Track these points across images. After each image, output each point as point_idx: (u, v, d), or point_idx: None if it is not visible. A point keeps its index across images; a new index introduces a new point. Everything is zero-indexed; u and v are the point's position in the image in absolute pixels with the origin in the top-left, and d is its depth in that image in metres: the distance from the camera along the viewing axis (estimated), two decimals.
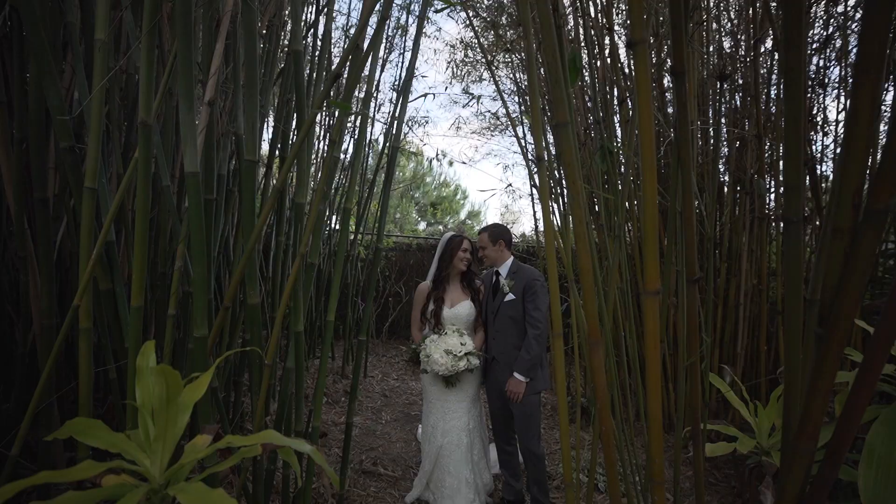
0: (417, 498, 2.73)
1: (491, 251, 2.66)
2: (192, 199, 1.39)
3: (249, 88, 1.57)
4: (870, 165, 2.92)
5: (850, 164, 0.51)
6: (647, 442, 0.87)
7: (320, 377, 2.04)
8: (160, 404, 0.73)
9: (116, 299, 1.66)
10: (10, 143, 1.69)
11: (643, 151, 0.66)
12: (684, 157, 0.74)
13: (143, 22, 1.21)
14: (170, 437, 0.74)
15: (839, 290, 0.53)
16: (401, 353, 6.16)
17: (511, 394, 2.48)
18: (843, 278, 0.52)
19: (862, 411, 0.59)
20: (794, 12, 0.60)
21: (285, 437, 0.78)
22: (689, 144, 0.72)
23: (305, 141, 1.70)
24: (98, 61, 1.48)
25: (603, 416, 0.88)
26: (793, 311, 0.67)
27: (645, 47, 0.65)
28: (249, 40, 1.51)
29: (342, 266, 2.04)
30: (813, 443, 0.64)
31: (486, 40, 5.93)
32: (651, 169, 0.68)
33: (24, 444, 1.65)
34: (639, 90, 0.67)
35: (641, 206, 0.78)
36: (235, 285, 1.54)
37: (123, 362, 1.70)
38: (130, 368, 1.23)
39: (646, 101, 0.65)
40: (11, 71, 1.64)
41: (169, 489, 0.71)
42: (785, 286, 0.69)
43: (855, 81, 0.48)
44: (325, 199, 1.83)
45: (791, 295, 0.65)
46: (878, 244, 0.47)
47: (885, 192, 0.49)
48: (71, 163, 1.53)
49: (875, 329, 0.55)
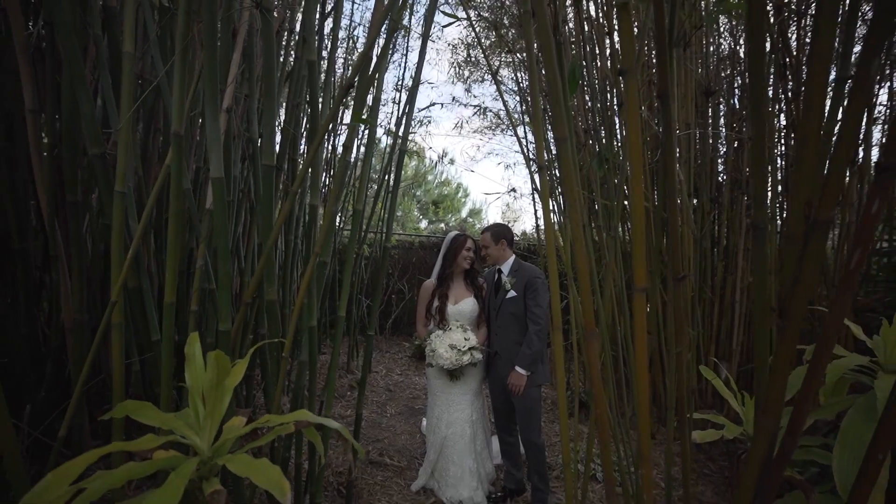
0: (423, 486, 2.84)
1: (493, 250, 2.77)
2: (217, 203, 1.49)
3: (268, 97, 1.67)
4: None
5: (800, 181, 0.61)
6: (637, 421, 0.98)
7: (331, 370, 2.14)
8: (210, 386, 0.83)
9: (143, 296, 1.76)
10: (42, 149, 1.79)
11: (632, 166, 0.76)
12: (670, 170, 0.84)
13: (177, 42, 1.30)
14: (217, 415, 0.85)
15: (793, 287, 0.63)
16: (404, 350, 6.27)
17: (513, 387, 2.58)
18: (795, 278, 0.62)
19: (813, 393, 0.69)
20: (756, 45, 0.70)
21: (316, 416, 0.88)
22: (674, 159, 0.82)
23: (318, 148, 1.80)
24: (126, 72, 1.58)
25: (598, 401, 0.99)
26: (761, 307, 0.77)
27: (635, 75, 0.75)
28: (268, 52, 1.61)
29: (352, 264, 2.14)
30: (775, 419, 0.74)
31: (489, 39, 6.03)
32: (638, 181, 0.78)
33: (51, 432, 1.77)
34: (629, 113, 0.77)
35: (630, 212, 0.87)
36: (255, 283, 1.65)
37: (150, 355, 1.81)
38: (165, 360, 1.33)
39: (634, 122, 0.75)
40: (44, 81, 1.74)
41: (217, 460, 0.81)
42: (754, 285, 0.79)
43: (804, 116, 0.58)
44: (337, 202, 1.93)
45: (759, 292, 0.75)
46: (824, 249, 0.54)
47: (828, 206, 0.59)
48: (101, 168, 1.64)
49: (824, 323, 0.65)
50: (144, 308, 1.77)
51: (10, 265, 1.89)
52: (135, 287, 1.73)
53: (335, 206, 1.87)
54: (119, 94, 1.74)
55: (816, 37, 0.54)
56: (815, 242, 0.60)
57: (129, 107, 1.59)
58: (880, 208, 0.57)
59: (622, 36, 0.75)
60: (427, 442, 2.93)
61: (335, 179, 1.87)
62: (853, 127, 0.55)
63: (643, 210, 0.84)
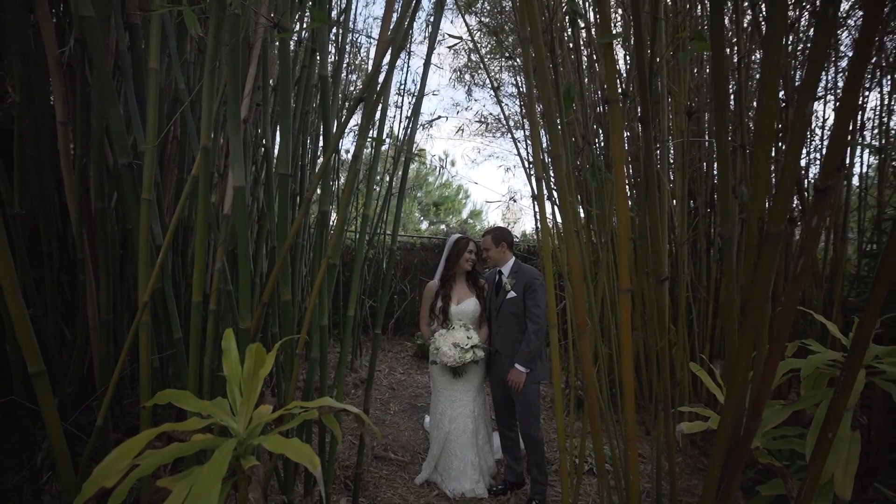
0: (426, 479, 2.96)
1: (494, 252, 2.88)
2: (238, 210, 1.61)
3: (283, 113, 1.78)
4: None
5: (755, 198, 0.72)
6: (622, 407, 1.09)
7: (340, 366, 2.26)
8: (248, 376, 0.94)
9: (165, 296, 1.88)
10: (73, 159, 1.91)
11: (617, 186, 0.87)
12: (650, 187, 0.95)
13: (206, 65, 1.42)
14: (251, 401, 0.96)
15: (750, 290, 0.74)
16: (406, 349, 6.39)
17: (512, 383, 2.70)
18: (752, 282, 0.73)
19: (769, 381, 0.80)
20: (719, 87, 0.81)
21: (338, 403, 1.00)
22: (654, 178, 0.93)
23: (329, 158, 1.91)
24: (151, 88, 1.70)
25: (589, 389, 1.10)
26: (728, 306, 0.89)
27: (618, 104, 0.86)
28: (284, 73, 1.72)
29: (360, 266, 2.25)
30: (739, 401, 0.86)
31: (490, 44, 6.14)
32: (623, 197, 0.89)
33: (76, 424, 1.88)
34: (614, 139, 0.88)
35: (617, 224, 0.98)
36: (272, 284, 1.77)
37: (171, 352, 1.92)
38: (193, 356, 1.44)
39: (619, 148, 0.86)
40: (73, 96, 1.85)
41: (252, 440, 0.93)
42: (724, 287, 0.91)
43: (755, 150, 0.69)
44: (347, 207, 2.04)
45: (727, 293, 0.87)
46: (776, 258, 0.63)
47: (778, 220, 0.70)
48: (129, 176, 1.75)
49: (776, 317, 0.77)
50: (167, 308, 1.88)
51: (39, 267, 2.01)
52: (157, 288, 1.85)
53: (345, 212, 1.99)
54: (139, 101, 1.87)
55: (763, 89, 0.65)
56: (766, 252, 0.71)
57: (155, 121, 1.70)
58: (819, 224, 0.68)
59: (606, 70, 0.87)
60: (430, 437, 3.04)
61: (345, 186, 1.98)
62: (794, 160, 0.66)
63: (628, 222, 0.95)
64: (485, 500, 2.82)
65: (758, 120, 0.69)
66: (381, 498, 2.79)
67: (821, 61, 0.65)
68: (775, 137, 3.23)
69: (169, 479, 0.87)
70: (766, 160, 0.68)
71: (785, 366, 1.55)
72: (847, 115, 0.68)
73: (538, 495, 2.75)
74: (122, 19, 1.90)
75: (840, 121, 0.69)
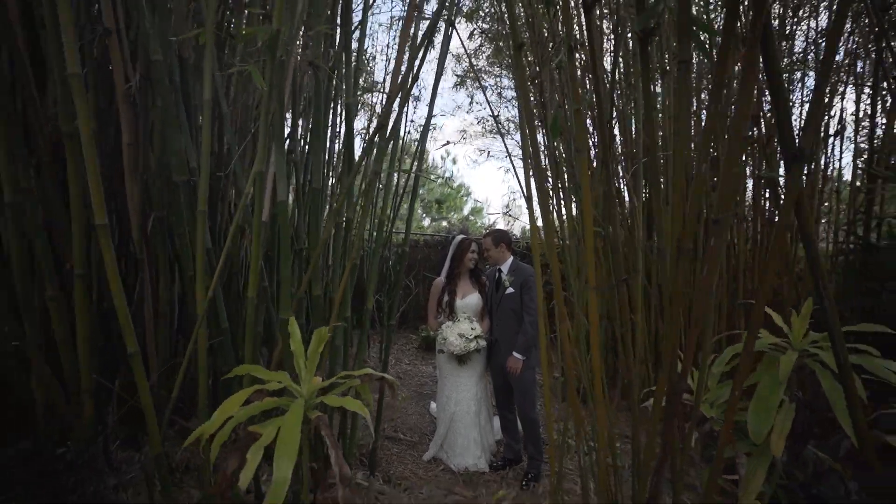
0: (433, 456, 3.30)
1: (494, 252, 3.22)
2: (282, 219, 1.93)
3: (315, 137, 2.10)
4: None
5: (674, 215, 1.04)
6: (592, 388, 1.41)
7: (360, 352, 2.59)
8: (312, 351, 1.26)
9: (214, 293, 2.20)
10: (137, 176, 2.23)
11: (584, 205, 1.18)
12: (612, 216, 1.26)
13: (262, 104, 1.73)
14: (312, 371, 1.28)
15: (672, 286, 1.06)
16: (411, 341, 6.73)
17: (510, 369, 3.03)
18: (672, 282, 1.05)
19: (691, 355, 1.13)
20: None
21: (377, 372, 1.32)
22: (614, 209, 1.23)
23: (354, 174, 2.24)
24: (206, 115, 2.01)
25: (568, 369, 1.42)
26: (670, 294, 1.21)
27: (587, 155, 1.17)
28: (317, 102, 2.04)
29: (377, 264, 2.58)
30: (672, 361, 1.18)
31: (489, 49, 6.44)
32: (589, 215, 1.20)
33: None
34: (581, 177, 1.19)
35: (584, 234, 1.26)
36: (308, 281, 2.09)
37: (219, 339, 2.25)
38: (248, 344, 1.77)
39: (585, 181, 1.17)
40: (138, 123, 2.17)
41: (315, 400, 1.25)
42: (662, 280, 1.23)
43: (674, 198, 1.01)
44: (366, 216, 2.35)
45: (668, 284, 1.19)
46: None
47: (684, 238, 1.02)
48: (186, 192, 2.08)
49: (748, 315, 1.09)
50: (215, 302, 2.21)
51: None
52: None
53: (364, 221, 2.31)
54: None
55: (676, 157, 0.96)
56: (681, 262, 1.03)
57: (209, 144, 2.02)
58: (717, 245, 1.00)
59: (577, 129, 1.17)
60: (437, 418, 3.39)
61: (365, 197, 2.30)
62: (733, 185, 0.97)
63: (593, 234, 1.27)
64: (486, 473, 3.15)
65: (674, 176, 1.00)
66: (394, 472, 3.13)
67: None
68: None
69: (257, 426, 1.20)
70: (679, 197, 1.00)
71: (732, 350, 1.87)
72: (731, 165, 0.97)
73: (534, 470, 3.08)
74: (177, 55, 2.22)
75: (725, 179, 0.99)
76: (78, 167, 1.70)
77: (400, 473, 3.12)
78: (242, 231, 2.46)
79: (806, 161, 0.96)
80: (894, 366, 1.71)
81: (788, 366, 1.81)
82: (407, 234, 2.79)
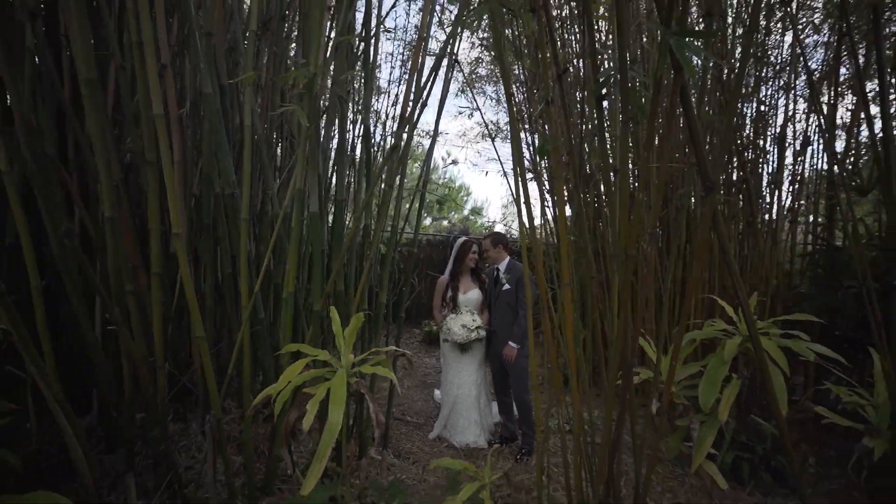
0: (438, 435, 3.69)
1: (493, 253, 3.60)
2: (313, 228, 2.30)
3: (339, 158, 2.47)
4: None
5: (620, 226, 1.41)
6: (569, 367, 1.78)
7: (375, 341, 2.97)
8: (350, 332, 1.64)
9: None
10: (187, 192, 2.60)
11: (559, 219, 1.54)
12: (581, 221, 1.61)
13: (300, 139, 2.10)
14: (350, 347, 1.65)
15: (622, 283, 1.43)
16: (414, 336, 7.11)
17: (506, 356, 3.41)
18: (621, 280, 1.42)
19: (636, 335, 1.50)
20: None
21: (401, 349, 1.70)
22: (583, 215, 1.58)
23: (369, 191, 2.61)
24: (247, 137, 2.38)
25: (551, 355, 1.79)
26: (620, 280, 1.58)
27: (562, 181, 1.53)
28: (342, 128, 2.40)
29: (389, 263, 2.96)
30: (624, 336, 1.55)
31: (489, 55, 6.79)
32: (563, 225, 1.56)
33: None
34: (556, 199, 1.54)
35: (559, 241, 1.59)
36: (333, 280, 2.47)
37: (256, 328, 2.62)
38: (286, 329, 2.15)
39: (561, 201, 1.53)
40: (187, 146, 2.54)
41: (353, 369, 1.62)
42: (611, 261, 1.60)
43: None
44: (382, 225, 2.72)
45: (619, 267, 1.56)
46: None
47: (629, 243, 1.38)
48: (231, 203, 2.45)
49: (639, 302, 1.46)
50: (256, 297, 2.58)
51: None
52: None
53: (381, 229, 2.68)
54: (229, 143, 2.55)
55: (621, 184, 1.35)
56: (627, 265, 1.40)
57: (250, 161, 2.38)
58: (651, 252, 1.36)
59: (553, 163, 1.53)
60: (441, 402, 3.77)
61: (381, 207, 2.67)
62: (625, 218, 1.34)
63: (567, 241, 1.64)
64: (484, 450, 3.54)
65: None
66: (403, 448, 3.51)
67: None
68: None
69: (308, 388, 1.57)
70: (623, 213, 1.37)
71: (690, 335, 2.25)
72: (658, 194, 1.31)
73: (527, 446, 3.46)
74: (218, 82, 2.58)
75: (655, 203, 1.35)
76: (156, 188, 2.06)
77: (408, 450, 3.50)
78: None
79: (716, 191, 1.32)
80: (817, 347, 2.09)
81: (733, 348, 2.19)
82: (415, 237, 3.16)
